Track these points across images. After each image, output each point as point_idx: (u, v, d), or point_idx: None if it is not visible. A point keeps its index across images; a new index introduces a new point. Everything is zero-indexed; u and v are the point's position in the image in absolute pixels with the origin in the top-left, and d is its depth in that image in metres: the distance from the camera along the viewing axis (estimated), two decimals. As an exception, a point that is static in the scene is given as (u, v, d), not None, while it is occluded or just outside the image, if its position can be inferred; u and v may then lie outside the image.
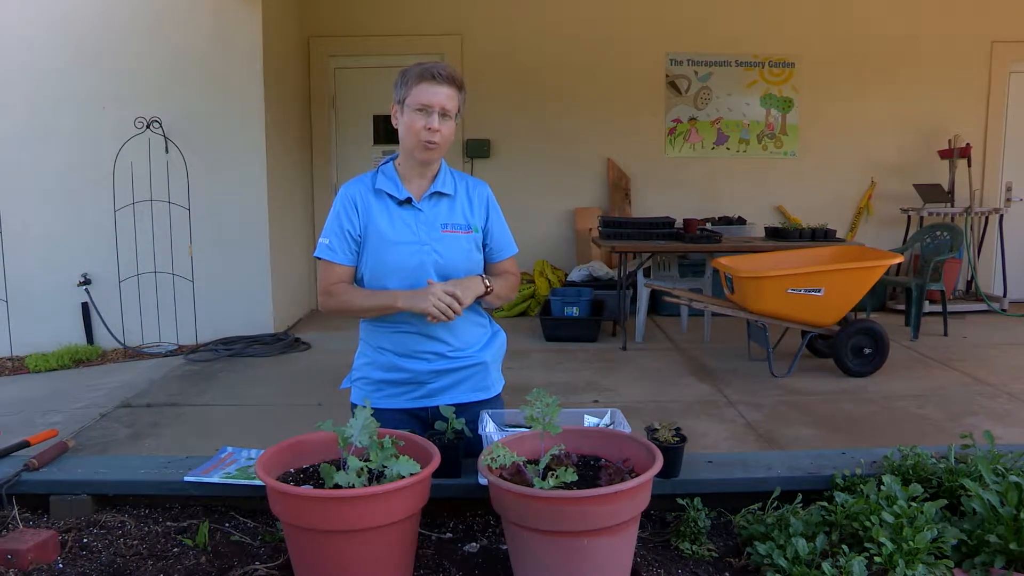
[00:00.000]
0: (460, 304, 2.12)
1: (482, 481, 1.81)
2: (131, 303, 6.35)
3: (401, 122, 2.20)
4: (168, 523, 2.00)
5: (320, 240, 2.28)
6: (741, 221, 7.76)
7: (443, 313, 2.10)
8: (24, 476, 2.07)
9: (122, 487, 2.10)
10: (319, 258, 2.28)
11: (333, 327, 7.15)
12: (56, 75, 6.15)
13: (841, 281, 5.22)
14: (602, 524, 1.51)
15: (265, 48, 6.31)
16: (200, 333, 6.39)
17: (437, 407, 2.25)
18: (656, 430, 2.05)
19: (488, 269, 2.38)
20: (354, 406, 2.35)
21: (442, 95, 2.15)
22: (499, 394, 2.42)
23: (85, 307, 6.32)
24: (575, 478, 1.57)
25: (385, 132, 7.97)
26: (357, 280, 2.30)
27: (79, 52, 6.16)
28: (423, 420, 2.30)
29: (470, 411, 2.25)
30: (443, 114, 2.16)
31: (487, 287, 2.25)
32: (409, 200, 2.24)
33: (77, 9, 6.17)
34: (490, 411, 2.12)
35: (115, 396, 4.99)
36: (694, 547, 1.83)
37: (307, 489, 1.60)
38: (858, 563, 1.57)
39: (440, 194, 2.27)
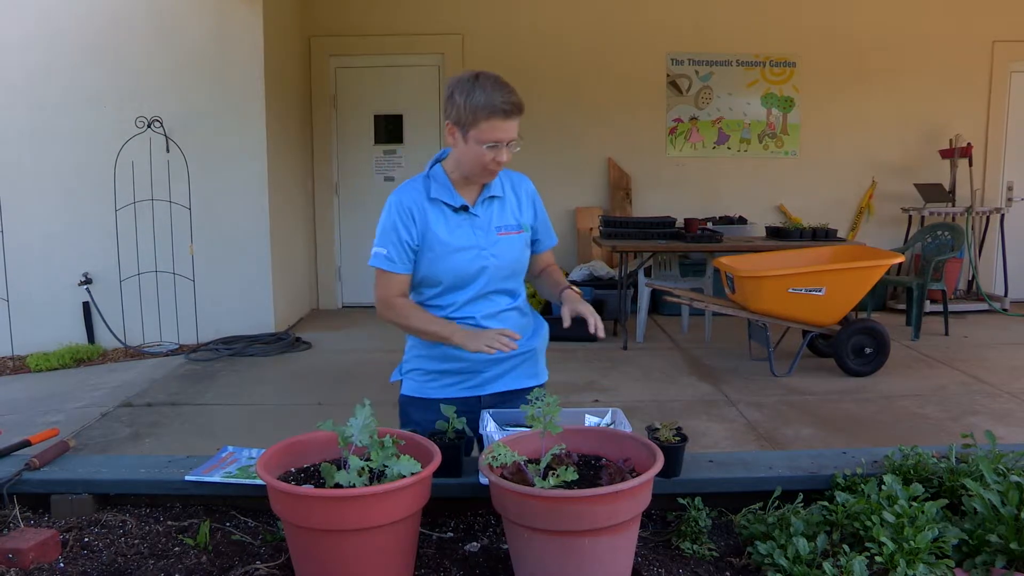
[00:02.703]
0: (515, 340, 2.12)
1: (483, 480, 1.81)
2: (132, 302, 6.36)
3: (462, 147, 2.14)
4: (169, 522, 2.00)
5: (376, 250, 2.24)
6: (742, 221, 7.76)
7: (493, 347, 2.11)
8: (25, 475, 2.07)
9: (123, 486, 2.10)
10: (376, 267, 2.24)
11: (334, 327, 7.16)
12: (57, 74, 6.16)
13: (842, 281, 5.22)
14: (603, 523, 1.51)
15: (266, 48, 6.32)
16: (201, 332, 6.40)
17: (490, 395, 2.30)
18: (657, 429, 2.05)
19: (532, 260, 2.41)
20: (405, 398, 2.39)
21: (511, 129, 2.10)
22: (546, 382, 2.45)
23: (86, 306, 6.32)
24: (576, 477, 1.57)
25: (386, 131, 7.97)
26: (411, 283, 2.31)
27: (80, 51, 6.17)
28: (475, 408, 2.30)
29: (521, 397, 2.28)
30: (510, 144, 2.13)
31: (579, 293, 2.29)
32: (465, 207, 2.23)
33: (79, 9, 6.18)
34: (491, 411, 2.12)
35: (116, 395, 5.00)
36: (695, 547, 1.82)
37: (308, 488, 1.60)
38: (859, 563, 1.57)
39: (492, 197, 2.27)
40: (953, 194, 7.57)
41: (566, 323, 2.20)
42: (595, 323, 2.16)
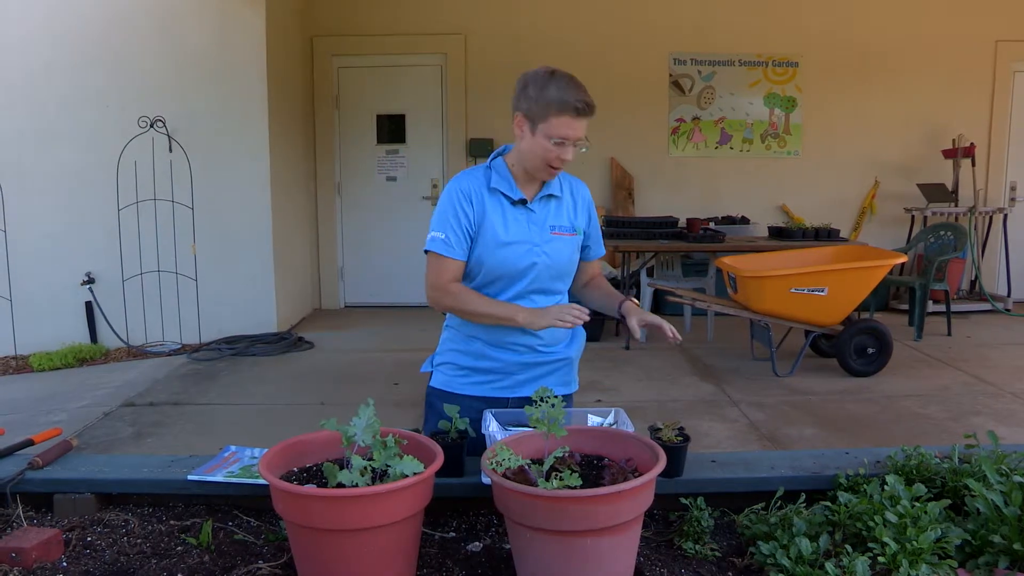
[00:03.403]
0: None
1: (485, 480, 1.81)
2: (135, 302, 6.36)
3: (528, 139, 2.14)
4: (172, 522, 2.00)
5: (432, 234, 2.21)
6: (744, 221, 7.75)
7: (566, 321, 2.10)
8: (28, 475, 2.08)
9: (126, 486, 2.10)
10: (432, 252, 2.21)
11: (336, 326, 7.17)
12: (60, 74, 6.17)
13: (844, 281, 5.21)
14: (605, 523, 1.51)
15: (268, 48, 6.32)
16: (203, 332, 6.40)
17: (519, 399, 2.28)
18: (659, 429, 2.05)
19: (580, 268, 2.41)
20: (432, 389, 2.38)
21: (580, 128, 2.11)
22: (575, 392, 2.45)
23: (89, 306, 6.33)
24: (579, 483, 1.56)
25: (388, 131, 7.97)
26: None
27: (83, 51, 6.17)
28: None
29: None
30: (576, 143, 2.13)
31: (636, 303, 2.31)
32: (523, 201, 2.23)
33: (82, 8, 6.18)
34: (493, 411, 2.12)
35: (118, 395, 5.00)
36: (697, 547, 1.82)
37: (310, 488, 1.60)
38: (861, 563, 1.56)
39: (550, 196, 2.27)
40: (956, 194, 7.56)
41: (636, 335, 2.21)
42: (671, 331, 2.17)
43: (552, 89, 2.10)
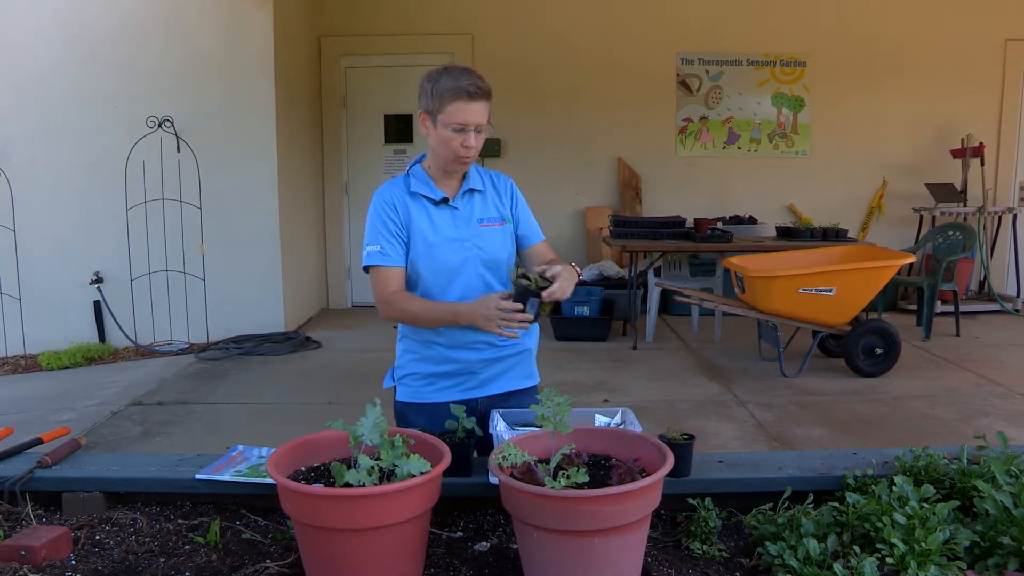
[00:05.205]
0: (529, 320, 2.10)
1: (492, 480, 1.81)
2: (143, 301, 6.38)
3: (433, 135, 2.18)
4: (179, 521, 2.00)
5: (368, 249, 2.23)
6: (752, 220, 7.73)
7: (509, 329, 2.09)
8: (37, 473, 2.08)
9: (134, 484, 2.11)
10: (371, 266, 2.23)
11: (344, 326, 7.18)
12: (69, 74, 6.19)
13: (852, 281, 5.20)
14: (613, 523, 1.51)
15: (276, 48, 6.33)
16: (211, 331, 6.42)
17: (488, 397, 2.32)
18: (663, 435, 2.05)
19: (525, 255, 2.42)
20: (401, 404, 2.39)
21: (477, 112, 2.13)
22: (539, 383, 2.45)
23: (97, 305, 6.35)
24: (586, 478, 1.56)
25: (396, 131, 7.98)
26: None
27: (92, 52, 6.20)
28: (473, 410, 2.27)
29: (517, 399, 2.32)
30: (478, 129, 2.16)
31: (579, 272, 2.31)
32: (445, 200, 2.26)
33: (90, 9, 6.21)
34: (500, 410, 2.12)
35: (127, 394, 5.02)
36: (705, 547, 1.82)
37: (318, 488, 1.60)
38: (869, 564, 1.56)
39: (472, 191, 2.30)
40: (965, 194, 7.53)
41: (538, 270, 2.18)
42: (553, 291, 2.08)
43: (444, 79, 2.14)
